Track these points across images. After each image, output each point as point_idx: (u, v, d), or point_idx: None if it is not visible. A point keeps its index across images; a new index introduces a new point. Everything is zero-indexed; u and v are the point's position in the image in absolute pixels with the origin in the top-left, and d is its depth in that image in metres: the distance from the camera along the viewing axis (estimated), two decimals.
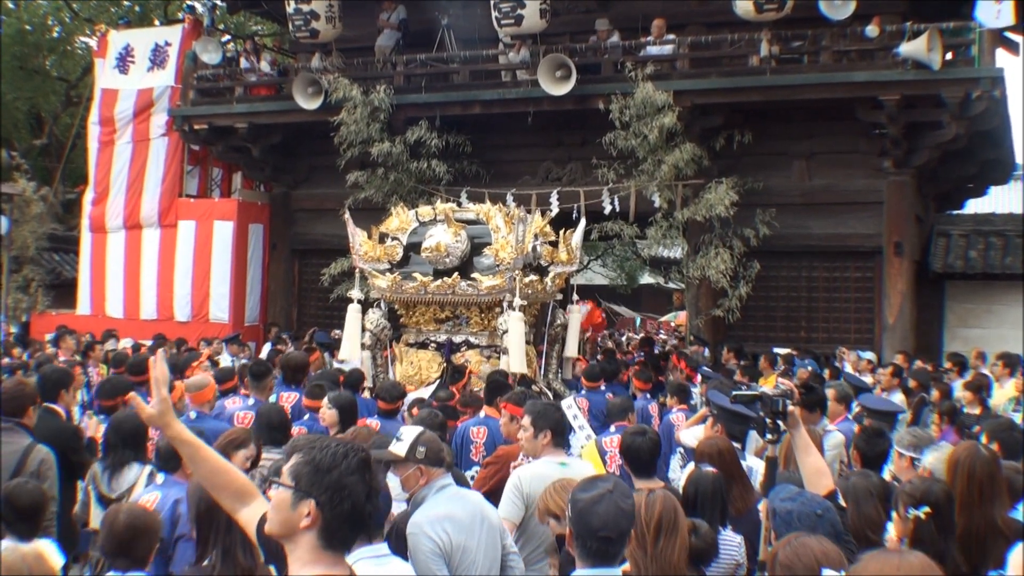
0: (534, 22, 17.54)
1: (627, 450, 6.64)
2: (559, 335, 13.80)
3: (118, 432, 7.44)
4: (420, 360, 13.08)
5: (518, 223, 12.53)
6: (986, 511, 5.50)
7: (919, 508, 5.10)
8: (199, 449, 3.89)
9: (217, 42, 22.06)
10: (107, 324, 20.81)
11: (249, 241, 21.93)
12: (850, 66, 17.25)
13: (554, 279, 13.26)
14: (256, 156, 21.51)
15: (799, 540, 3.76)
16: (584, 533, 4.09)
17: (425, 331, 13.19)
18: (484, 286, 12.37)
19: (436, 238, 12.64)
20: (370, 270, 13.22)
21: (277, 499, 3.31)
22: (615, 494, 4.15)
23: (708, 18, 18.84)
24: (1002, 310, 18.31)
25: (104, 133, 22.74)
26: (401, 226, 13.50)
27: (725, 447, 6.70)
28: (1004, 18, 15.64)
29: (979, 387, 11.89)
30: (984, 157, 18.93)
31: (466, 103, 19.15)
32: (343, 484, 3.24)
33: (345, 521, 3.27)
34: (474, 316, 12.89)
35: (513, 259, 12.28)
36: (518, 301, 12.15)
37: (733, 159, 17.85)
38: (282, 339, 18.91)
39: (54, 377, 8.94)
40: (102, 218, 22.67)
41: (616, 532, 4.09)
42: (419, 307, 13.04)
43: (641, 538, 4.27)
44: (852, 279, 18.27)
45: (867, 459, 6.97)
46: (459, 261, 12.70)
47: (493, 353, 12.72)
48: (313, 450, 3.30)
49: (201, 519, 5.17)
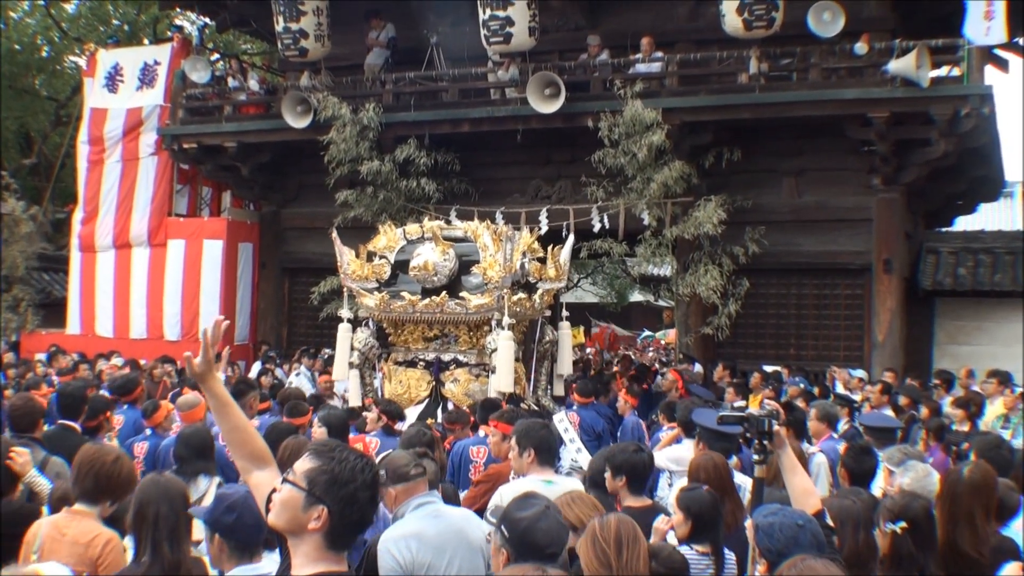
0: (523, 40, 17.56)
1: (626, 467, 6.60)
2: (548, 352, 13.55)
3: (187, 445, 7.60)
4: (409, 379, 12.89)
5: (506, 241, 12.38)
6: (971, 532, 5.52)
7: (896, 523, 5.16)
8: (227, 406, 4.09)
9: (206, 61, 22.09)
10: (97, 343, 20.73)
11: (239, 260, 21.91)
12: (839, 83, 17.26)
13: (542, 296, 13.06)
14: (245, 175, 21.49)
15: (804, 563, 3.71)
16: (527, 551, 4.10)
17: (414, 350, 12.98)
18: (472, 305, 12.21)
19: (424, 256, 12.45)
20: (358, 289, 13.04)
21: (288, 497, 3.42)
22: (552, 510, 4.19)
23: (697, 35, 18.85)
24: (992, 327, 18.30)
25: (93, 152, 22.69)
26: (389, 244, 13.28)
27: (721, 462, 6.70)
28: (994, 35, 15.66)
29: (968, 404, 11.89)
30: (973, 174, 18.95)
31: (455, 121, 19.14)
32: (356, 497, 3.40)
33: (352, 528, 3.46)
34: (463, 334, 12.70)
35: (501, 278, 12.16)
36: (507, 320, 11.99)
37: (722, 177, 17.82)
38: (271, 358, 18.89)
39: (74, 394, 8.93)
40: (91, 237, 22.63)
41: (559, 547, 4.12)
42: (407, 326, 12.85)
43: (603, 556, 4.22)
44: (842, 296, 18.26)
45: (855, 476, 6.96)
46: (447, 280, 12.50)
47: (482, 371, 12.55)
48: (332, 460, 3.43)
49: (135, 517, 5.12)
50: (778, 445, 5.08)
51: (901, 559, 5.24)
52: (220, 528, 4.73)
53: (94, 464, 5.69)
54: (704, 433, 7.73)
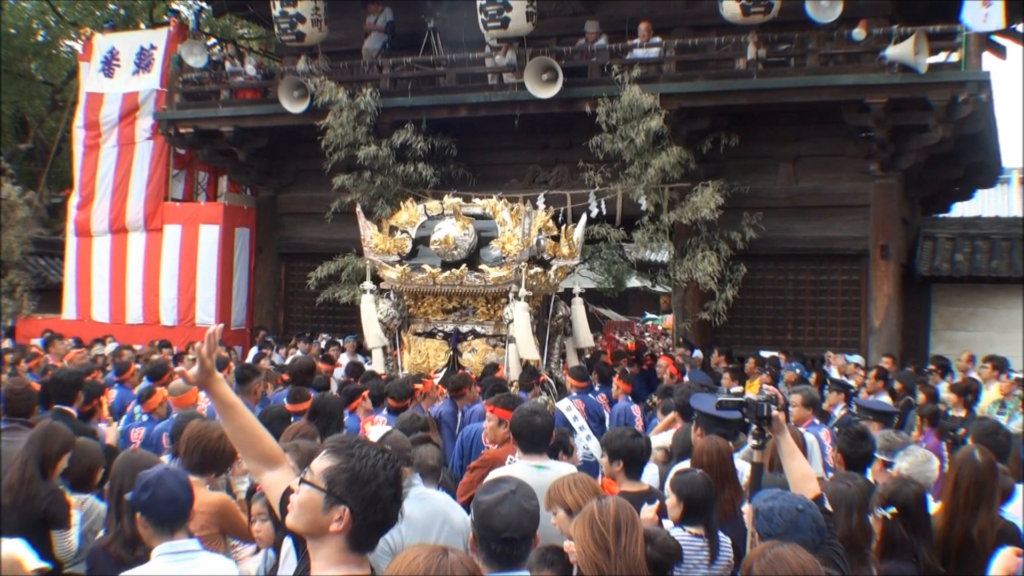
0: (520, 25, 17.53)
1: (623, 451, 6.61)
2: (561, 326, 14.12)
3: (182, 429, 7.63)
4: (428, 349, 13.57)
5: (524, 217, 12.99)
6: (971, 518, 5.53)
7: (887, 508, 5.19)
8: (232, 407, 4.01)
9: (203, 45, 22.02)
10: (93, 328, 20.75)
11: (235, 245, 21.91)
12: (837, 69, 17.26)
13: (557, 272, 13.75)
14: (242, 160, 21.47)
15: (774, 551, 3.66)
16: (487, 535, 4.10)
17: (433, 321, 13.63)
18: (491, 277, 12.86)
19: (445, 231, 13.16)
20: (380, 262, 13.65)
21: (307, 498, 3.26)
22: (518, 495, 4.16)
23: (695, 21, 18.85)
24: (988, 313, 18.33)
25: (89, 137, 22.67)
26: (410, 220, 13.92)
27: (724, 447, 6.68)
28: (992, 22, 15.64)
29: (964, 390, 11.90)
30: (970, 160, 18.96)
31: (452, 106, 19.13)
32: (379, 496, 3.24)
33: (375, 528, 3.29)
34: (480, 306, 13.30)
35: (519, 251, 12.78)
36: (523, 291, 12.61)
37: (720, 162, 17.84)
38: (268, 343, 18.88)
39: (68, 380, 8.94)
40: (87, 222, 22.63)
41: (520, 533, 4.09)
42: (427, 297, 13.48)
43: (601, 540, 4.20)
44: (839, 282, 18.28)
45: (851, 461, 6.94)
46: (467, 254, 13.18)
47: (499, 342, 13.21)
48: (352, 458, 3.26)
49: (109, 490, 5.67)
50: (777, 430, 5.07)
51: (894, 544, 5.27)
52: (140, 506, 4.85)
53: (200, 440, 6.18)
54: (703, 418, 7.71)
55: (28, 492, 5.95)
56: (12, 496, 5.80)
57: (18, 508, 5.75)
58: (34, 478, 6.02)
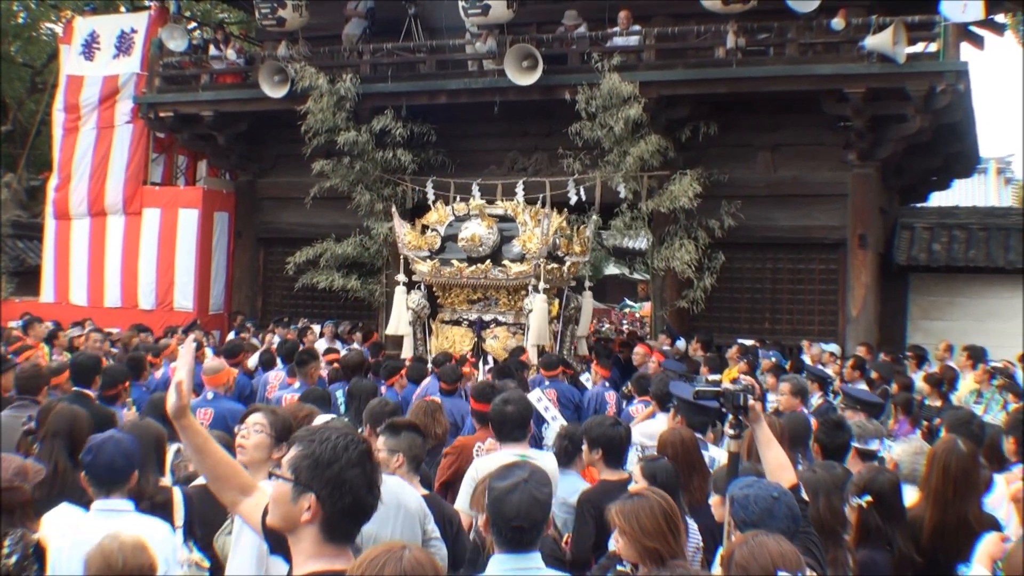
0: (501, 12, 17.51)
1: (602, 440, 6.67)
2: (573, 316, 15.46)
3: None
4: (454, 335, 15.12)
5: (543, 219, 14.46)
6: (959, 506, 5.60)
7: (862, 497, 5.27)
8: (207, 442, 3.98)
9: (183, 29, 22.00)
10: (71, 312, 20.65)
11: (214, 229, 21.86)
12: (816, 59, 17.30)
13: (570, 267, 15.21)
14: (222, 144, 21.44)
15: (756, 540, 3.73)
16: (499, 521, 4.20)
17: (459, 310, 15.22)
18: (512, 272, 14.45)
19: (472, 230, 14.69)
20: (413, 256, 15.16)
21: (277, 492, 3.29)
22: (530, 483, 4.23)
23: (674, 9, 18.79)
24: (965, 303, 18.45)
25: (69, 120, 22.60)
26: (439, 219, 15.43)
27: (688, 436, 6.78)
28: (971, 12, 15.71)
29: (940, 380, 11.97)
30: (948, 150, 19.01)
31: (432, 92, 19.14)
32: (344, 478, 3.20)
33: (347, 515, 3.25)
34: (502, 297, 14.91)
35: (539, 249, 14.20)
36: (543, 284, 14.09)
37: (698, 151, 17.90)
38: (246, 327, 18.88)
39: (88, 364, 9.17)
40: (65, 204, 22.55)
41: (529, 522, 4.17)
42: (454, 289, 15.10)
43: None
44: (816, 271, 18.35)
45: (828, 451, 6.99)
46: (491, 250, 14.69)
47: (519, 330, 14.71)
48: (313, 443, 3.26)
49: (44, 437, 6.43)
50: (753, 420, 5.10)
51: (869, 532, 5.34)
52: (84, 467, 5.33)
53: None
54: (682, 406, 7.77)
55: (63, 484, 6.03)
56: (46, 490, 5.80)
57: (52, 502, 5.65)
58: (67, 470, 6.11)
